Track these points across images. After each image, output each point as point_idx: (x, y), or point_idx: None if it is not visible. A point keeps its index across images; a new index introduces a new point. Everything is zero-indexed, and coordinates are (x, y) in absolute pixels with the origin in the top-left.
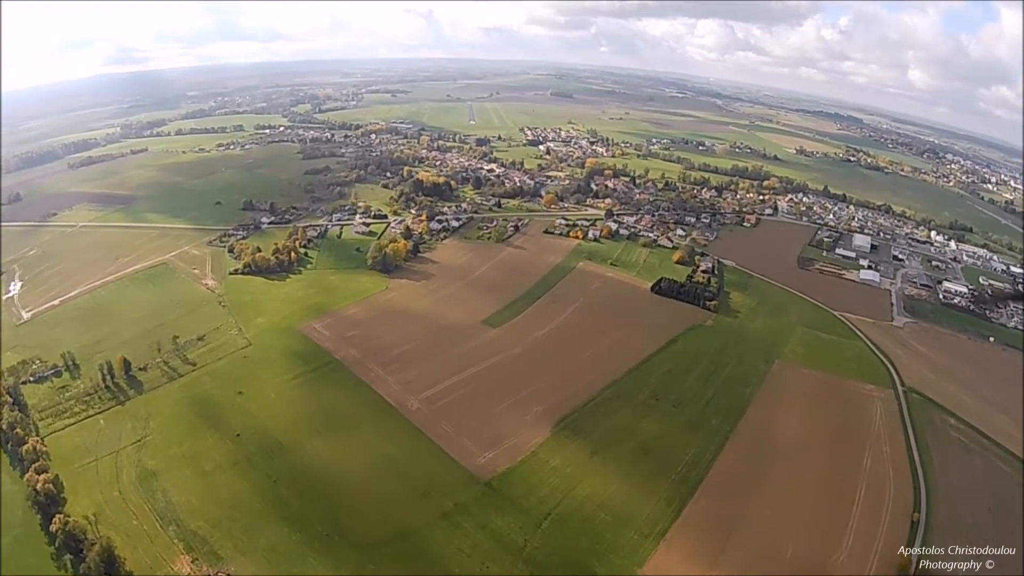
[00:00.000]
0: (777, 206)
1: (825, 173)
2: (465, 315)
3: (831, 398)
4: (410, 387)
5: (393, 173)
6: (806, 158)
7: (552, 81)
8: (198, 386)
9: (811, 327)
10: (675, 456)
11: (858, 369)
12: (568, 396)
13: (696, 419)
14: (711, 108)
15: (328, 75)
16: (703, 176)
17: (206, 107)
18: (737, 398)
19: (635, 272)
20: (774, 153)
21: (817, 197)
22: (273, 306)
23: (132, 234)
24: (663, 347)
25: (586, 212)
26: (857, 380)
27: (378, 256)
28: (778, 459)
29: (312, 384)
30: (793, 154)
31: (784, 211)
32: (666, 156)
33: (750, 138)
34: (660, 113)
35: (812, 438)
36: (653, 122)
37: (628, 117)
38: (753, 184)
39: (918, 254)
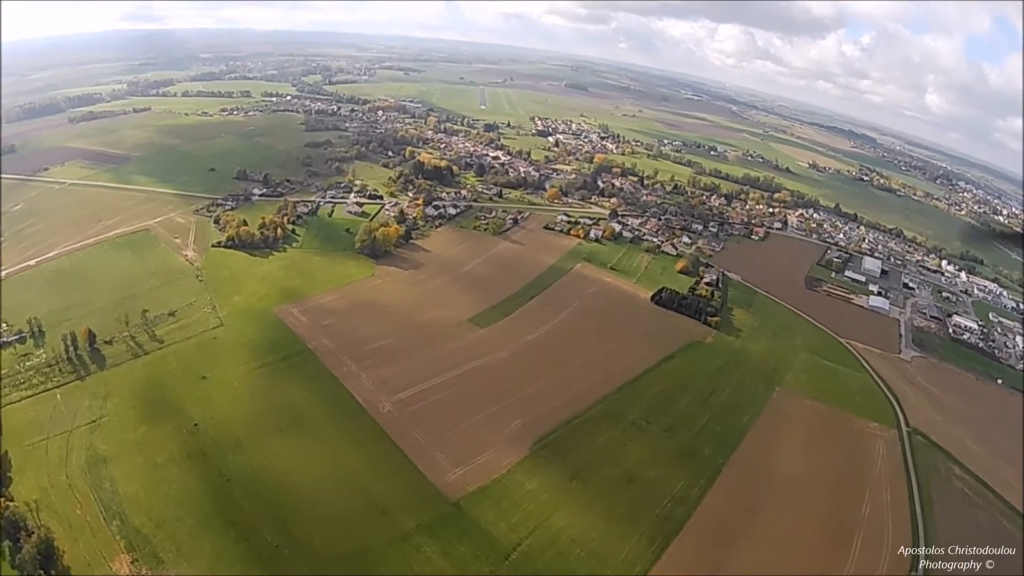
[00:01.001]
0: (787, 220)
1: (837, 190)
2: (452, 311)
3: (832, 434)
4: (384, 386)
5: (395, 152)
6: (818, 173)
7: (567, 72)
8: (162, 366)
9: (816, 353)
10: (662, 488)
11: (863, 404)
12: (552, 410)
13: (688, 447)
14: (726, 114)
15: (343, 48)
16: (713, 182)
17: (216, 70)
18: (733, 426)
19: (635, 279)
20: (786, 165)
21: (828, 214)
22: (251, 285)
23: (120, 196)
24: (659, 363)
25: (590, 210)
26: (860, 416)
27: (367, 240)
28: (772, 499)
29: (280, 374)
30: (805, 168)
31: (794, 226)
32: (677, 158)
33: (763, 148)
34: (674, 114)
35: (810, 478)
36: (666, 123)
37: (641, 115)
38: (763, 195)
39: (928, 283)
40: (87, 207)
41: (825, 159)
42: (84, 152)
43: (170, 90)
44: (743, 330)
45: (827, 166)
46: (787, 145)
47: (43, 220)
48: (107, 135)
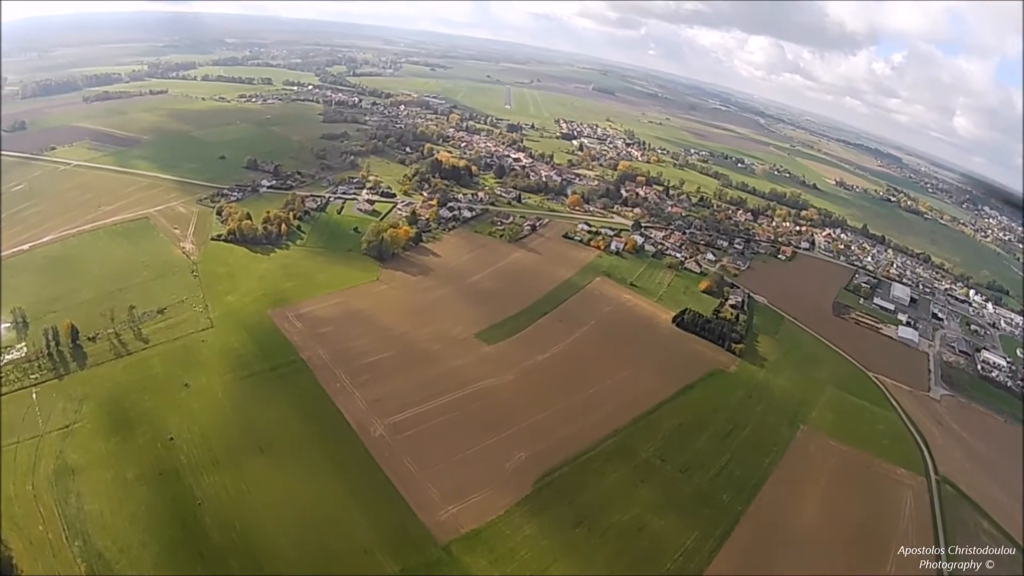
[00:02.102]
0: (814, 240)
1: (864, 210)
2: (458, 324)
3: (858, 481)
4: (377, 407)
5: (413, 149)
6: (846, 191)
7: (595, 76)
8: (144, 369)
9: (843, 388)
10: (673, 539)
11: (890, 448)
12: (559, 443)
13: (704, 491)
14: (753, 126)
15: (370, 40)
16: (740, 196)
17: (239, 56)
18: (754, 469)
19: (656, 298)
20: (813, 182)
21: (856, 235)
22: (248, 283)
23: (123, 180)
24: (678, 393)
25: (612, 220)
26: (888, 461)
27: (374, 241)
28: (792, 556)
29: (268, 387)
30: (832, 185)
31: (821, 247)
32: (703, 169)
33: (790, 163)
34: (701, 124)
35: (833, 531)
36: (693, 132)
37: (668, 123)
38: (791, 212)
39: (957, 314)
40: (88, 191)
41: (852, 177)
42: (93, 133)
43: (190, 73)
44: (768, 359)
45: (854, 184)
46: (814, 161)
47: (43, 202)
48: (118, 116)
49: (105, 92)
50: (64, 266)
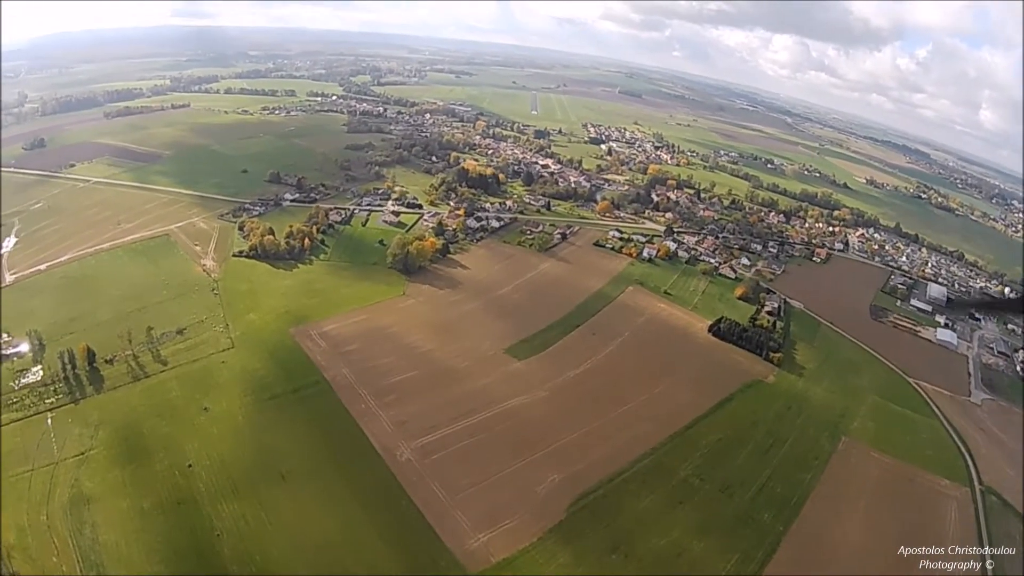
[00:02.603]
0: (848, 241)
1: (896, 208)
2: (487, 339)
3: (902, 495)
4: (404, 429)
5: (440, 158)
6: (876, 190)
7: (621, 79)
8: (162, 393)
9: (884, 396)
10: (713, 563)
11: (933, 458)
12: (594, 464)
13: (745, 511)
14: (781, 125)
15: (394, 49)
16: (771, 197)
17: (263, 68)
18: (795, 486)
19: (691, 306)
20: (844, 181)
21: (889, 235)
22: (270, 301)
23: (143, 197)
24: (715, 407)
25: (643, 225)
26: (931, 472)
27: (400, 254)
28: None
29: (290, 409)
30: (863, 184)
31: (855, 248)
32: (734, 171)
33: (820, 162)
34: (729, 125)
35: (878, 549)
36: (721, 133)
37: (696, 125)
38: (823, 213)
39: None
40: (108, 208)
41: (882, 175)
42: (113, 149)
43: (213, 87)
44: (807, 368)
45: (885, 182)
46: (843, 160)
47: (62, 220)
48: (139, 132)
49: (126, 107)
50: (82, 286)
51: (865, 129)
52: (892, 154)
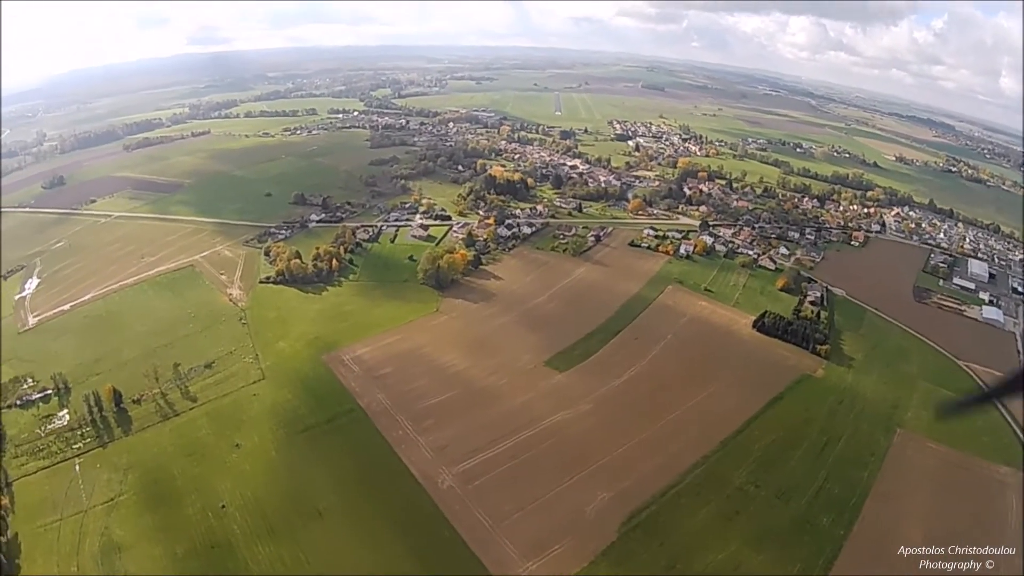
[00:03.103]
0: (884, 222)
1: (928, 184)
2: (525, 352)
3: (961, 486)
4: (444, 455)
5: (466, 166)
6: (906, 166)
7: (643, 73)
8: (192, 431)
9: (935, 382)
10: None
11: (990, 444)
12: (644, 478)
13: (803, 517)
14: (805, 108)
15: (413, 60)
16: (803, 183)
17: (282, 89)
18: (853, 485)
19: (733, 302)
20: (873, 160)
21: (923, 212)
22: (300, 327)
23: (166, 228)
24: (765, 407)
25: (678, 221)
26: (990, 460)
27: (431, 269)
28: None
29: (324, 441)
30: (893, 161)
31: (892, 228)
32: (763, 158)
33: (848, 142)
34: (754, 111)
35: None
36: (747, 120)
37: (721, 114)
38: (856, 194)
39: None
40: (130, 242)
41: (911, 151)
42: (134, 181)
43: (232, 111)
44: (855, 358)
45: (914, 158)
46: (871, 138)
47: (84, 258)
48: (158, 163)
49: (145, 139)
50: (106, 325)
51: (889, 105)
52: (918, 129)
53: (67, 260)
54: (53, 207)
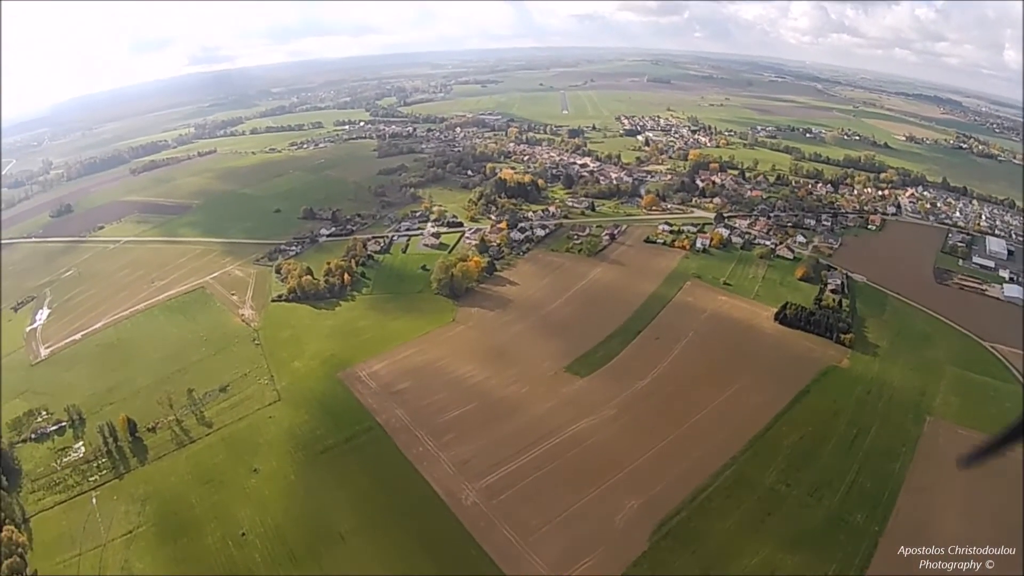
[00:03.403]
0: (900, 203)
1: (939, 163)
2: (545, 359)
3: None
4: (466, 469)
5: (475, 171)
6: (917, 145)
7: (648, 67)
8: (209, 457)
9: (962, 366)
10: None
11: None
12: (673, 484)
13: (837, 514)
14: (812, 93)
15: (417, 67)
16: (816, 168)
17: (287, 103)
18: (885, 479)
19: (753, 294)
20: (884, 140)
21: (938, 191)
22: (314, 345)
23: (175, 251)
24: (792, 401)
25: (692, 214)
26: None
27: (444, 278)
28: None
29: (344, 461)
30: (903, 141)
31: (907, 209)
32: (774, 145)
33: (857, 124)
34: (761, 99)
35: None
36: (755, 108)
37: (728, 103)
38: (869, 177)
39: None
40: (139, 267)
41: (921, 130)
42: (141, 205)
43: (238, 129)
44: (880, 346)
45: (924, 137)
46: (879, 119)
47: (94, 285)
48: (165, 185)
49: (152, 161)
50: (118, 352)
51: (894, 85)
52: (926, 107)
53: (77, 288)
54: (61, 236)
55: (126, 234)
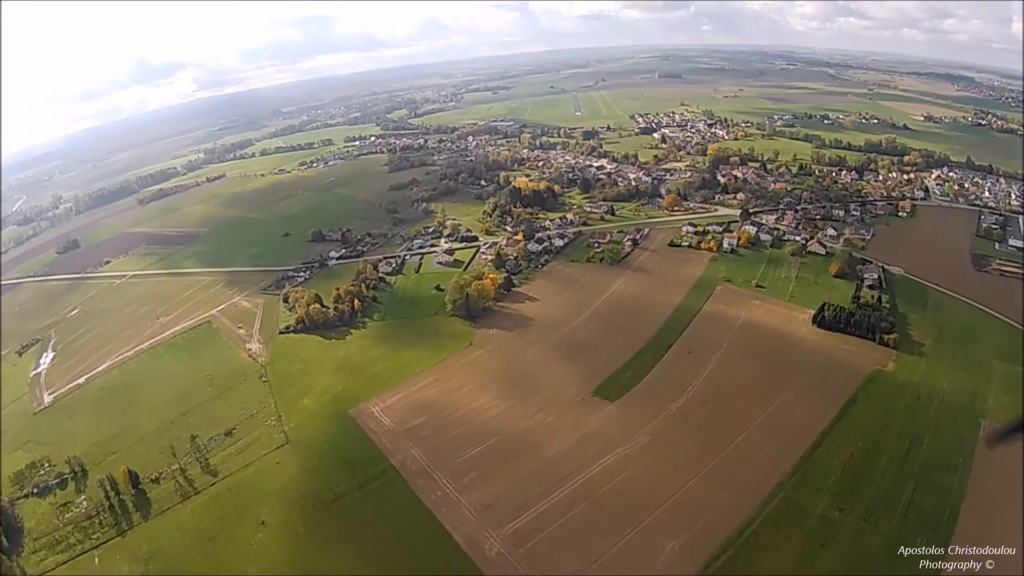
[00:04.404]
0: (927, 187)
1: (961, 141)
2: (571, 383)
3: None
4: (489, 515)
5: (489, 180)
6: (936, 125)
7: (658, 63)
8: (215, 509)
9: (1012, 361)
10: None
11: None
12: (716, 518)
13: (895, 539)
14: (824, 78)
15: (428, 78)
16: (838, 155)
17: (297, 122)
18: (944, 495)
19: (787, 296)
20: (903, 122)
21: (963, 171)
22: (324, 379)
23: (181, 284)
24: (839, 414)
25: (716, 212)
26: None
27: (459, 298)
28: None
29: (357, 510)
30: (922, 122)
31: (935, 193)
32: (792, 134)
33: (874, 107)
34: (774, 88)
35: None
36: (769, 97)
37: (742, 94)
38: (893, 161)
39: None
40: (145, 303)
41: (938, 109)
42: (147, 236)
43: (248, 151)
44: (925, 344)
45: (942, 116)
46: (896, 101)
47: (99, 324)
48: (172, 214)
49: (160, 190)
50: (122, 397)
51: (906, 65)
52: (940, 85)
53: (82, 328)
54: (67, 272)
55: (132, 268)
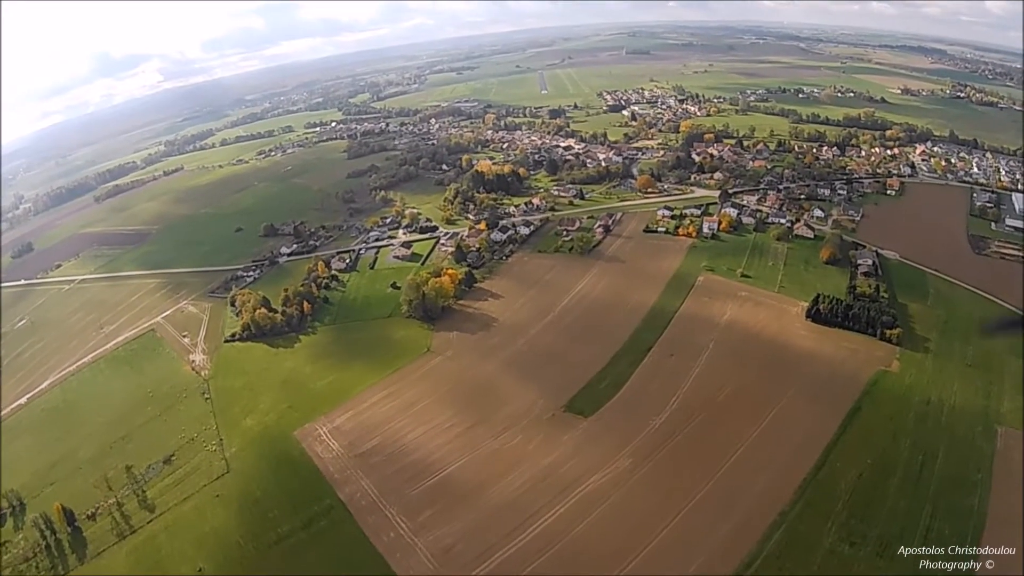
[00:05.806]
0: (913, 163)
1: (941, 114)
2: (540, 396)
3: None
4: (450, 559)
5: (450, 164)
6: (914, 98)
7: (625, 39)
8: (151, 551)
9: (1020, 354)
10: None
11: None
12: (713, 557)
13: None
14: (796, 52)
15: (391, 61)
16: (817, 130)
17: (259, 110)
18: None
19: (776, 286)
20: (879, 95)
21: (948, 146)
22: (269, 396)
23: (128, 288)
24: (843, 424)
25: (693, 194)
26: None
27: (415, 298)
28: None
29: (301, 555)
30: (899, 95)
31: (923, 169)
32: (767, 109)
33: (848, 81)
34: (745, 62)
35: None
36: (741, 72)
37: (713, 69)
38: (875, 136)
39: None
40: (92, 310)
41: (914, 82)
42: (99, 237)
43: (208, 142)
44: (930, 338)
45: (919, 88)
46: (870, 74)
47: (44, 335)
48: (123, 213)
49: (116, 186)
50: (63, 418)
51: (877, 38)
52: (913, 58)
53: (28, 341)
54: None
55: (82, 271)
